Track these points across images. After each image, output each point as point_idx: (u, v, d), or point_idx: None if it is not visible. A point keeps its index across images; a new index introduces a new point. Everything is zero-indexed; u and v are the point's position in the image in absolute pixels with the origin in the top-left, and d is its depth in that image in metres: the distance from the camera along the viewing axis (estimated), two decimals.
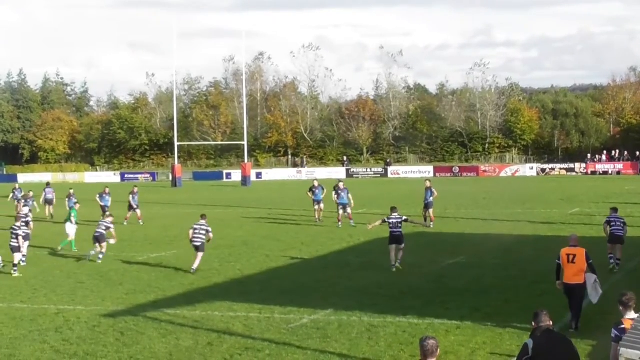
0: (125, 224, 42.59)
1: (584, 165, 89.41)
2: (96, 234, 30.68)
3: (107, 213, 34.95)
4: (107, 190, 44.97)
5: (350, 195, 40.74)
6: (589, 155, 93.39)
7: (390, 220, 27.36)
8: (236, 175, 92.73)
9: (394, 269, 26.59)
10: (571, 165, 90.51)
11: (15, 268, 28.06)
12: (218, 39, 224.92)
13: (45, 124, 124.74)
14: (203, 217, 28.66)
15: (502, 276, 25.20)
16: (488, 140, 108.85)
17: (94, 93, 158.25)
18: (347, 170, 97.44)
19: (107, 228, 30.99)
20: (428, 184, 40.19)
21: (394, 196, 47.58)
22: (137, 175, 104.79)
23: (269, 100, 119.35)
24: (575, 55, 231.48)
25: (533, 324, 11.05)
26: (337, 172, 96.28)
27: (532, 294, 22.16)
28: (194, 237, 27.65)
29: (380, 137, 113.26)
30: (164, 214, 43.72)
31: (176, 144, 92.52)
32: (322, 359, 16.41)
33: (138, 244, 35.03)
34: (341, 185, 41.93)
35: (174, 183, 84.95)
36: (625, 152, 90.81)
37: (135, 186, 46.02)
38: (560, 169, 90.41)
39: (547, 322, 10.94)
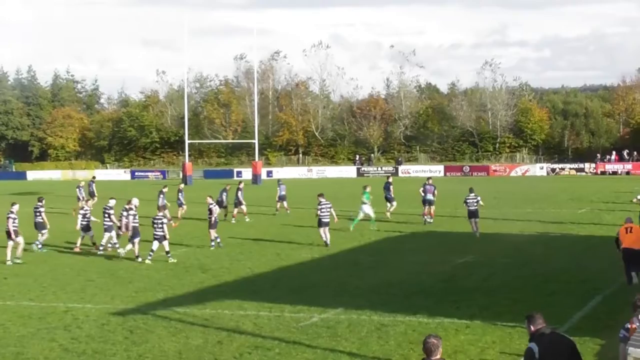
0: (233, 221, 43.07)
1: (593, 165, 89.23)
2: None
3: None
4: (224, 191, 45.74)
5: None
6: (598, 156, 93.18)
7: (468, 200, 35.10)
8: (247, 173, 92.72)
9: (477, 235, 34.24)
10: (581, 165, 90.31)
11: (169, 254, 29.67)
12: (231, 37, 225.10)
13: (55, 121, 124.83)
14: (322, 195, 33.39)
15: (512, 275, 25.19)
16: (498, 140, 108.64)
17: (105, 90, 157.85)
18: (358, 169, 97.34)
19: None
20: (429, 181, 41.66)
21: (404, 195, 47.47)
22: (147, 173, 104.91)
23: (281, 99, 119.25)
24: (587, 56, 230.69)
25: (531, 327, 10.93)
26: (347, 171, 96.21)
27: (541, 293, 22.13)
28: (321, 215, 32.63)
29: (391, 136, 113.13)
30: (173, 212, 43.68)
31: (187, 142, 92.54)
32: (332, 357, 16.41)
33: (148, 243, 35.03)
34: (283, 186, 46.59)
35: (185, 181, 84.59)
36: (635, 153, 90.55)
37: (241, 182, 46.75)
38: (570, 169, 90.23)
39: (543, 324, 10.89)
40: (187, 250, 32.41)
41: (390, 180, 44.56)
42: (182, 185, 47.36)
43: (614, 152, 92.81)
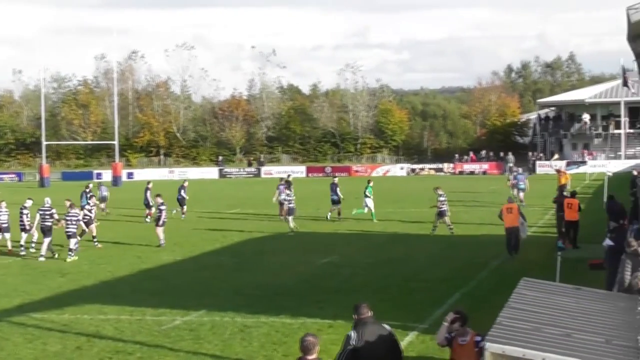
0: (147, 220, 42.20)
1: (452, 165, 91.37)
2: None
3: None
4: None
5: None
6: (456, 156, 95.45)
7: (288, 197, 37.81)
8: (107, 175, 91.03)
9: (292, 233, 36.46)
10: (440, 165, 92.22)
11: (71, 253, 30.14)
12: (91, 36, 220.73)
13: None
14: (159, 196, 34.63)
15: (374, 275, 25.54)
16: (360, 141, 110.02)
17: None
18: (220, 170, 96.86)
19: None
20: (283, 182, 42.92)
21: (267, 196, 47.55)
22: (2, 176, 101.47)
23: (141, 100, 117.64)
24: (445, 58, 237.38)
25: (354, 316, 11.52)
26: (209, 172, 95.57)
27: (402, 292, 22.57)
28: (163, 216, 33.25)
29: (254, 137, 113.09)
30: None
31: (44, 143, 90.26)
32: None
33: (2, 247, 33.90)
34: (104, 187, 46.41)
35: (42, 183, 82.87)
36: (491, 153, 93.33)
37: (150, 182, 46.07)
38: (430, 169, 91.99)
39: (367, 313, 11.48)
40: (44, 255, 31.57)
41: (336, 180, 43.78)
42: (91, 186, 45.88)
43: (471, 153, 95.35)
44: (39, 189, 76.97)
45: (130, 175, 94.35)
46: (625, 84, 71.22)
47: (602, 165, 77.36)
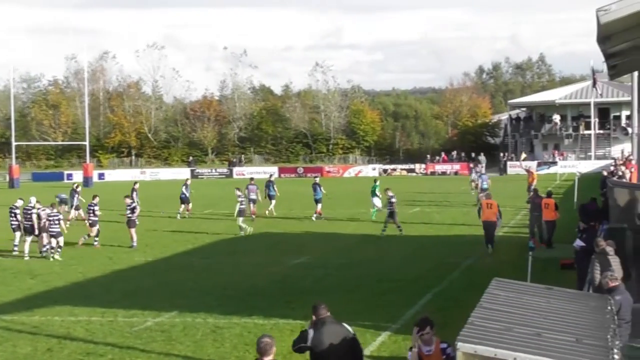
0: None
1: (423, 165, 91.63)
2: None
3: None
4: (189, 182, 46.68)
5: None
6: (428, 156, 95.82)
7: (240, 198, 37.38)
8: (78, 176, 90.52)
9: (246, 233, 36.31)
10: (412, 166, 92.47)
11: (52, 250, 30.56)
12: (61, 36, 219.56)
13: None
14: (127, 197, 35.21)
15: (346, 276, 25.56)
16: (332, 141, 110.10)
17: None
18: (192, 171, 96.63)
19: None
20: (252, 182, 44.06)
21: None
22: None
23: (112, 100, 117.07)
24: (418, 59, 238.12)
25: (313, 317, 11.61)
26: (181, 173, 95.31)
27: (374, 292, 22.60)
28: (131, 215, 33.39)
29: (225, 137, 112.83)
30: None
31: (13, 143, 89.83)
32: None
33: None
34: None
35: (11, 184, 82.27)
36: (463, 153, 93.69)
37: (136, 182, 46.53)
38: (402, 169, 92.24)
39: (325, 313, 11.59)
40: (17, 255, 31.32)
41: (318, 180, 45.19)
42: (80, 188, 45.45)
43: (442, 153, 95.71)
44: (9, 190, 76.42)
45: (101, 176, 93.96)
46: (594, 85, 71.65)
47: (572, 166, 77.81)
